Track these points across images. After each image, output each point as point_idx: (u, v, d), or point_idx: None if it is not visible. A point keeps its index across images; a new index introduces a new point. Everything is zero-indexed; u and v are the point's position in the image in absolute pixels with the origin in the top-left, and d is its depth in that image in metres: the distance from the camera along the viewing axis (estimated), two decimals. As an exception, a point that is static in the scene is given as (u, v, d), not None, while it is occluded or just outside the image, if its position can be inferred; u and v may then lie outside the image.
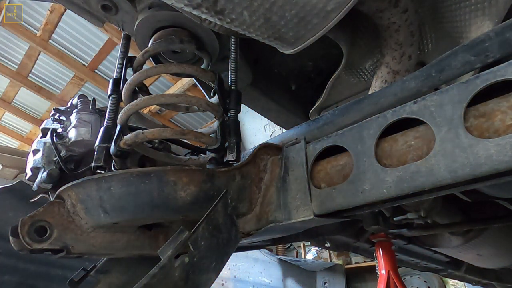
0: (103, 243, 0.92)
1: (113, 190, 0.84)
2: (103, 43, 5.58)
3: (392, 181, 0.76)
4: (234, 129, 1.02)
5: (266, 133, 4.04)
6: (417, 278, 5.52)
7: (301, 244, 7.70)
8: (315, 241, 2.21)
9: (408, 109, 0.78)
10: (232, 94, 1.07)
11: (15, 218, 0.82)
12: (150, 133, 0.92)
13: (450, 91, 0.73)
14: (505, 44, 0.78)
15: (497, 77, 0.68)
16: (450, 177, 0.69)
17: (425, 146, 0.76)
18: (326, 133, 1.01)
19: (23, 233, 0.80)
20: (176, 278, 0.71)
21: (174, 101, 0.99)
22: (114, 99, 1.08)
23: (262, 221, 0.99)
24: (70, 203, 0.89)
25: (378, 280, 2.22)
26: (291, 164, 0.97)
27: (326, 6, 0.83)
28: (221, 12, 0.84)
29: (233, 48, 1.14)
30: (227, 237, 0.87)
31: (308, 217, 0.88)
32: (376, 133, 0.82)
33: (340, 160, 0.92)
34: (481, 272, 2.68)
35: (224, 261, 0.86)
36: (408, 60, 1.28)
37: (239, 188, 0.99)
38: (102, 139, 0.97)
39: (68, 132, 1.12)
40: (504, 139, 0.64)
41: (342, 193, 0.84)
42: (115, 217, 0.87)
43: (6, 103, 7.01)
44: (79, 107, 1.14)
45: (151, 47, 1.10)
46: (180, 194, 0.86)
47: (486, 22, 1.17)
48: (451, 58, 0.85)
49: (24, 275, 2.19)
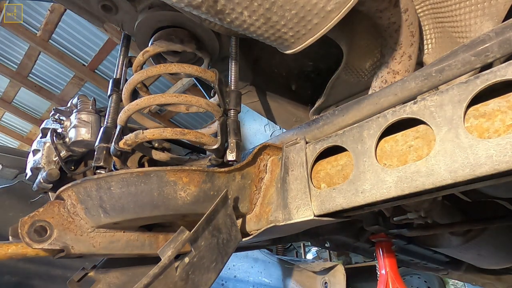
0: (103, 243, 0.92)
1: (113, 190, 0.84)
2: (103, 43, 5.58)
3: (392, 181, 0.76)
4: (234, 129, 1.01)
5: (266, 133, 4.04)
6: (417, 278, 5.52)
7: (301, 244, 7.70)
8: (315, 241, 2.21)
9: (408, 109, 0.78)
10: (232, 94, 1.07)
11: (15, 218, 0.82)
12: (150, 133, 0.92)
13: (450, 91, 0.73)
14: (506, 44, 0.78)
15: (497, 77, 0.68)
16: (450, 177, 0.69)
17: (425, 146, 0.76)
18: (326, 133, 1.01)
19: (23, 233, 0.80)
20: (176, 278, 0.71)
21: (174, 101, 0.99)
22: (114, 99, 1.08)
23: (262, 221, 0.99)
24: (70, 203, 0.89)
25: (378, 280, 2.22)
26: (291, 164, 0.97)
27: (326, 6, 0.83)
28: (221, 12, 0.84)
29: (233, 48, 1.14)
30: (227, 237, 0.87)
31: (308, 217, 0.88)
32: (376, 133, 0.82)
33: (340, 160, 0.92)
34: (481, 272, 2.68)
35: (224, 261, 0.86)
36: (408, 60, 1.28)
37: (239, 188, 0.99)
38: (102, 139, 0.97)
39: (68, 132, 1.12)
40: (504, 139, 0.64)
41: (342, 193, 0.84)
42: (115, 217, 0.87)
43: (6, 103, 7.02)
44: (79, 107, 1.14)
45: (151, 47, 1.10)
46: (180, 194, 0.86)
47: (486, 22, 1.17)
48: (451, 58, 0.85)
49: (24, 275, 2.19)
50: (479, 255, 2.24)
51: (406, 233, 2.03)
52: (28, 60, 5.97)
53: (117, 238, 0.94)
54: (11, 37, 5.54)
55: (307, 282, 2.94)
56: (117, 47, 5.52)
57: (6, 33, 5.45)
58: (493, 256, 2.30)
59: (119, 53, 1.20)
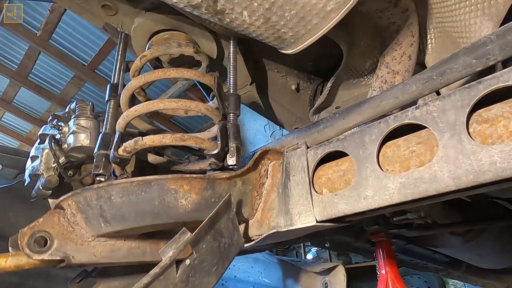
0: (104, 252, 0.91)
1: (114, 200, 0.83)
2: (103, 43, 5.56)
3: (395, 188, 0.75)
4: (234, 133, 1.01)
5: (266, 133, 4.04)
6: (417, 278, 5.51)
7: (301, 244, 7.69)
8: (315, 241, 2.21)
9: (411, 115, 0.77)
10: (231, 98, 1.06)
11: (15, 218, 0.81)
12: (150, 140, 0.91)
13: (453, 96, 0.72)
14: (507, 47, 0.77)
15: (500, 83, 0.67)
16: (454, 184, 0.68)
17: (428, 152, 0.75)
18: (327, 136, 1.00)
19: (23, 244, 0.80)
20: (176, 280, 0.71)
21: (173, 106, 0.98)
22: (112, 104, 1.07)
23: (263, 227, 0.98)
24: (70, 213, 0.89)
25: (378, 280, 2.21)
26: (292, 170, 0.96)
27: (326, 6, 0.82)
28: (221, 12, 0.84)
29: (232, 51, 1.13)
30: (229, 241, 0.87)
31: (310, 223, 0.87)
32: (378, 139, 0.81)
33: (341, 165, 0.91)
34: (481, 272, 2.68)
35: (226, 266, 0.86)
36: (408, 60, 1.27)
37: (240, 194, 0.98)
38: (101, 146, 0.96)
39: (67, 138, 1.11)
40: (508, 146, 0.63)
41: (344, 199, 0.83)
42: (116, 226, 0.86)
43: (6, 103, 7.00)
44: (77, 113, 1.13)
45: (149, 51, 1.09)
46: (181, 202, 0.86)
47: (486, 22, 1.16)
48: (452, 61, 0.84)
49: (24, 275, 2.18)
50: (479, 255, 2.24)
51: (406, 233, 2.03)
52: (28, 60, 5.95)
53: (118, 246, 0.94)
54: (11, 37, 5.52)
55: (308, 282, 2.94)
56: (117, 47, 5.50)
57: (6, 33, 5.43)
58: (493, 256, 2.30)
59: (116, 57, 1.18)
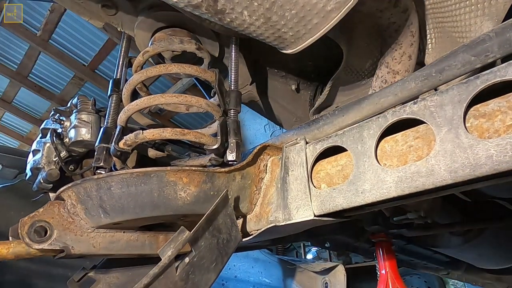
0: (103, 244, 0.92)
1: (113, 191, 0.84)
2: (103, 43, 5.58)
3: (392, 182, 0.76)
4: (234, 129, 1.01)
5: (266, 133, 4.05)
6: (417, 278, 5.51)
7: (301, 244, 7.69)
8: (315, 241, 2.21)
9: (409, 110, 0.78)
10: (232, 94, 1.06)
11: (16, 217, 0.82)
12: (150, 133, 0.92)
13: (450, 91, 0.73)
14: (506, 44, 0.78)
15: (497, 78, 0.68)
16: (450, 178, 0.69)
17: (426, 146, 0.76)
18: (326, 133, 1.01)
19: (23, 234, 0.80)
20: (176, 278, 0.72)
21: (174, 101, 0.99)
22: (114, 99, 1.08)
23: (262, 221, 0.99)
24: (70, 204, 0.89)
25: (378, 280, 2.21)
26: (291, 165, 0.97)
27: (326, 6, 0.83)
28: (221, 12, 0.84)
29: (233, 49, 1.14)
30: (227, 237, 0.87)
31: (308, 217, 0.88)
32: (376, 134, 0.82)
33: (340, 160, 0.92)
34: (481, 272, 2.68)
35: (225, 262, 0.86)
36: (408, 60, 1.28)
37: (239, 189, 0.99)
38: (102, 140, 0.97)
39: (68, 132, 1.12)
40: (504, 139, 0.64)
41: (342, 194, 0.84)
42: (115, 218, 0.87)
43: (6, 103, 7.02)
44: (79, 107, 1.14)
45: (151, 47, 1.10)
46: (180, 195, 0.86)
47: (486, 22, 1.17)
48: (451, 58, 0.85)
49: (25, 275, 2.18)
50: (479, 255, 2.24)
51: (406, 233, 2.03)
52: (28, 60, 5.98)
53: (117, 238, 0.94)
54: (11, 37, 5.54)
55: (308, 282, 2.93)
56: (117, 47, 5.52)
57: (6, 33, 5.45)
58: (493, 256, 2.30)
59: (119, 53, 1.19)
